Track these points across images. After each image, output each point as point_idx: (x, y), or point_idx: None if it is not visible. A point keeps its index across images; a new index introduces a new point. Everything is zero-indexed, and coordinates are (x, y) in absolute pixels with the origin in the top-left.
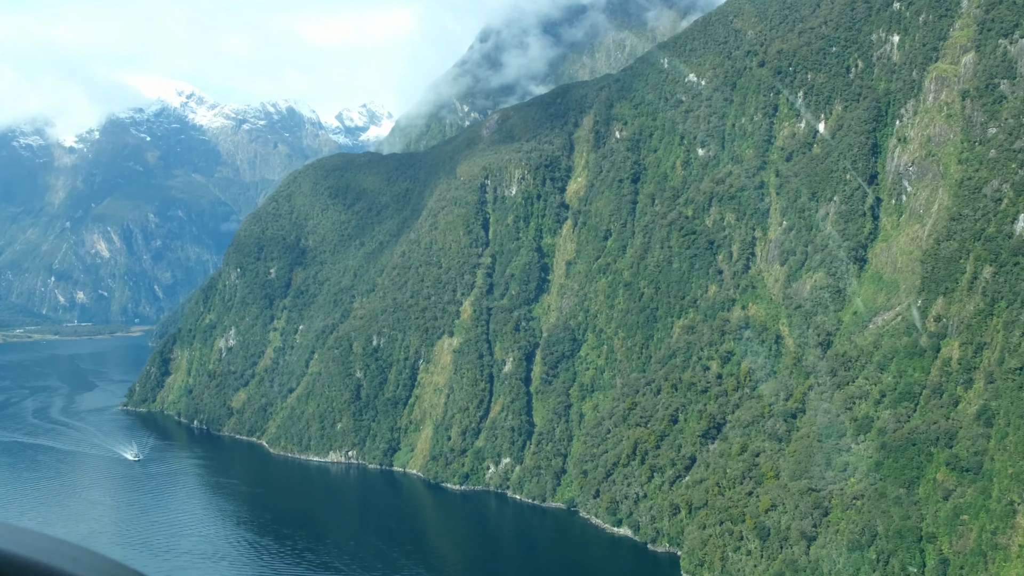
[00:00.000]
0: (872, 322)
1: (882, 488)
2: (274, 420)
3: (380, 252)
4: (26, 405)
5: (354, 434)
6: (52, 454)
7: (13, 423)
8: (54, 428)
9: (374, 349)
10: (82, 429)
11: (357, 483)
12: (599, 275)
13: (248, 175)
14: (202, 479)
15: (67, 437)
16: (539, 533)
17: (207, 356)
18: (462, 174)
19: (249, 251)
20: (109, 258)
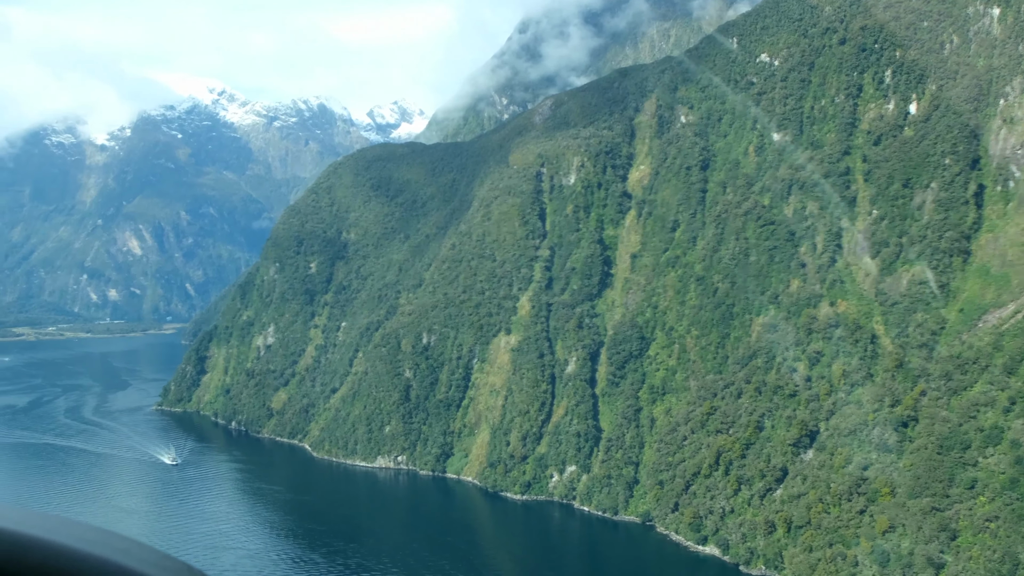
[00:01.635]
0: (983, 320)
1: (1020, 509)
2: (317, 422)
3: (426, 245)
4: (58, 404)
5: (404, 438)
6: (85, 457)
7: (45, 423)
8: (87, 429)
9: (424, 347)
10: (116, 430)
11: (408, 491)
12: (668, 269)
13: (280, 172)
14: (243, 485)
15: (100, 439)
16: (612, 549)
17: (245, 354)
18: (515, 162)
19: (288, 246)
20: (141, 256)
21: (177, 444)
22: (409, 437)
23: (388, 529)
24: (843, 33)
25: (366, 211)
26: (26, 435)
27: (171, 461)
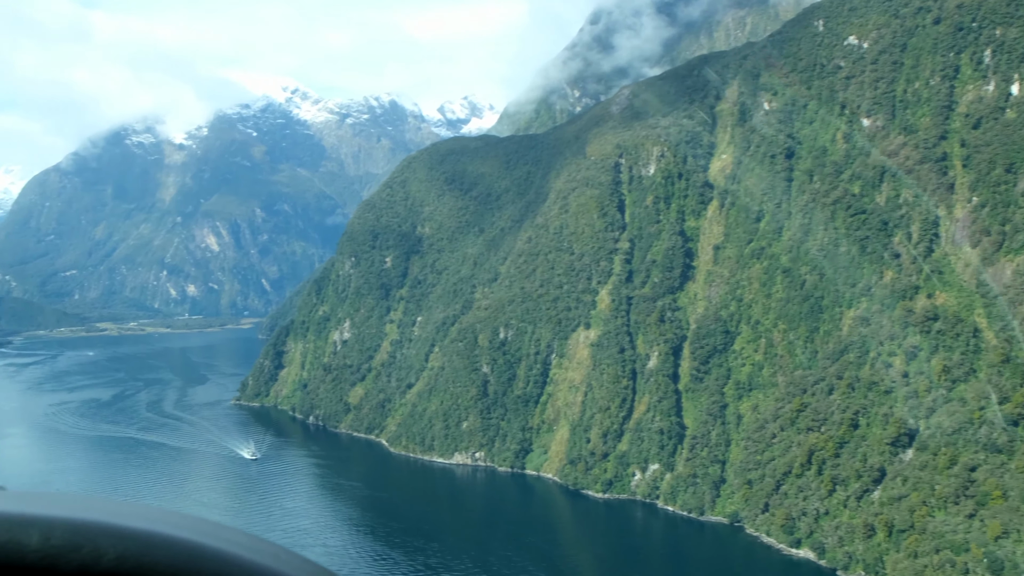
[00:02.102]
0: None
1: None
2: (393, 417)
3: (502, 239)
4: (140, 398)
5: (481, 434)
6: (166, 451)
7: (127, 417)
8: (168, 423)
9: (501, 342)
10: (196, 424)
11: (487, 488)
12: (752, 260)
13: (352, 169)
14: (321, 480)
15: (181, 433)
16: (700, 550)
17: (322, 349)
18: (592, 153)
19: (363, 240)
20: (218, 252)
21: (256, 439)
22: (487, 433)
23: (468, 527)
24: (937, 12)
25: (440, 205)
26: (110, 428)
27: (251, 456)
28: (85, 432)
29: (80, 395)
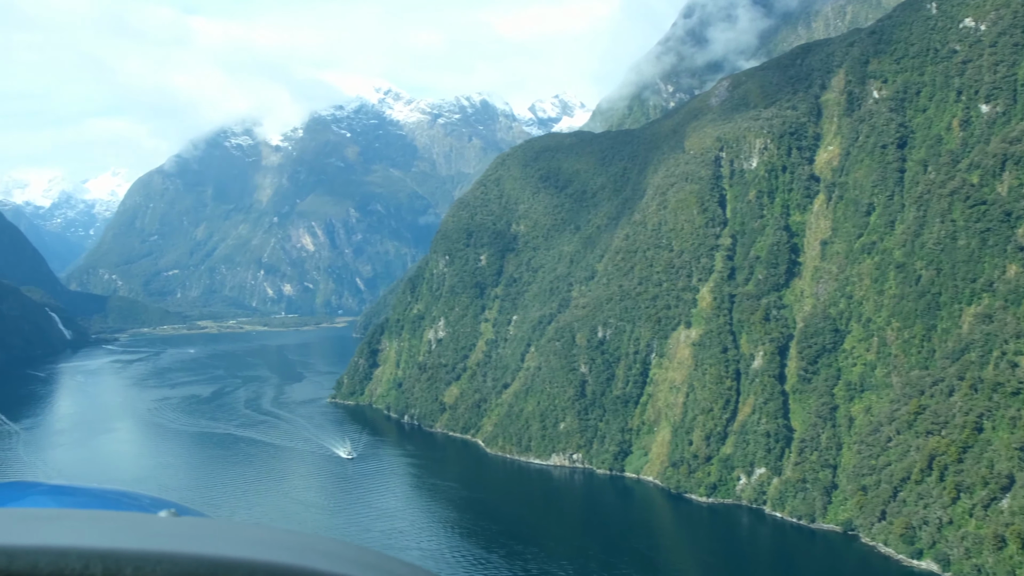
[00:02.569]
0: None
1: None
2: (489, 417)
3: (598, 236)
4: (238, 395)
5: (579, 435)
6: (264, 448)
7: (227, 414)
8: (266, 420)
9: (599, 341)
10: (293, 422)
11: (585, 490)
12: (863, 256)
13: (444, 169)
14: (417, 480)
15: (278, 431)
16: (812, 560)
17: (416, 348)
18: (691, 147)
19: (457, 239)
20: (313, 252)
21: (352, 438)
22: (585, 434)
23: (567, 530)
24: None
25: (535, 203)
26: (210, 425)
27: (347, 455)
28: (186, 428)
29: (181, 391)
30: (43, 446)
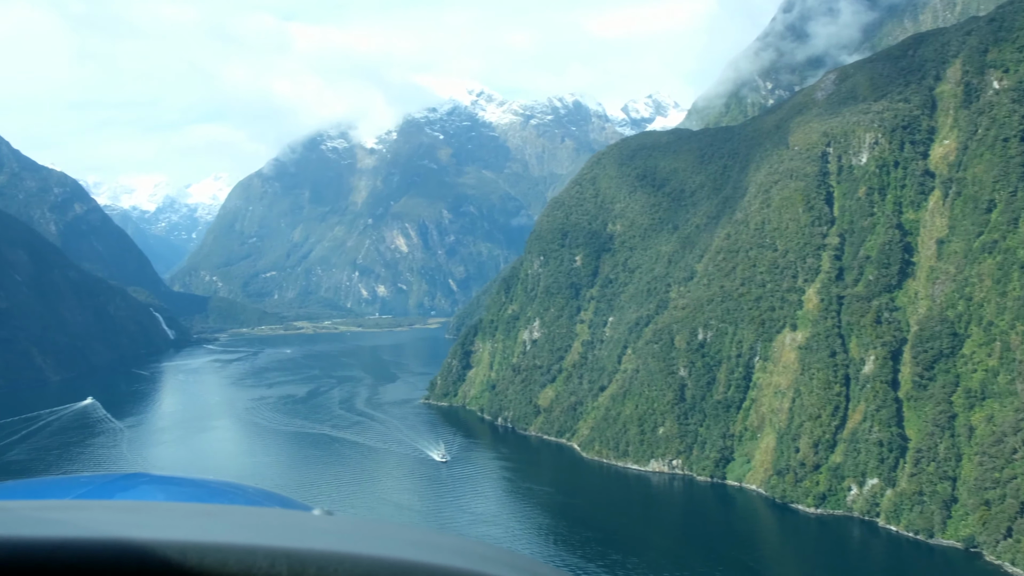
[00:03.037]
0: None
1: None
2: (585, 421)
3: (697, 236)
4: (333, 395)
5: (679, 440)
6: (358, 449)
7: (321, 414)
8: (360, 421)
9: (699, 344)
10: (386, 423)
11: (686, 498)
12: (983, 255)
13: (536, 170)
14: (511, 485)
15: (372, 431)
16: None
17: (510, 349)
18: (796, 143)
19: (552, 239)
20: (407, 253)
21: (446, 440)
22: (685, 440)
23: (667, 540)
24: None
25: (631, 202)
26: (305, 424)
27: (440, 458)
28: (282, 427)
29: (278, 391)
30: (146, 443)
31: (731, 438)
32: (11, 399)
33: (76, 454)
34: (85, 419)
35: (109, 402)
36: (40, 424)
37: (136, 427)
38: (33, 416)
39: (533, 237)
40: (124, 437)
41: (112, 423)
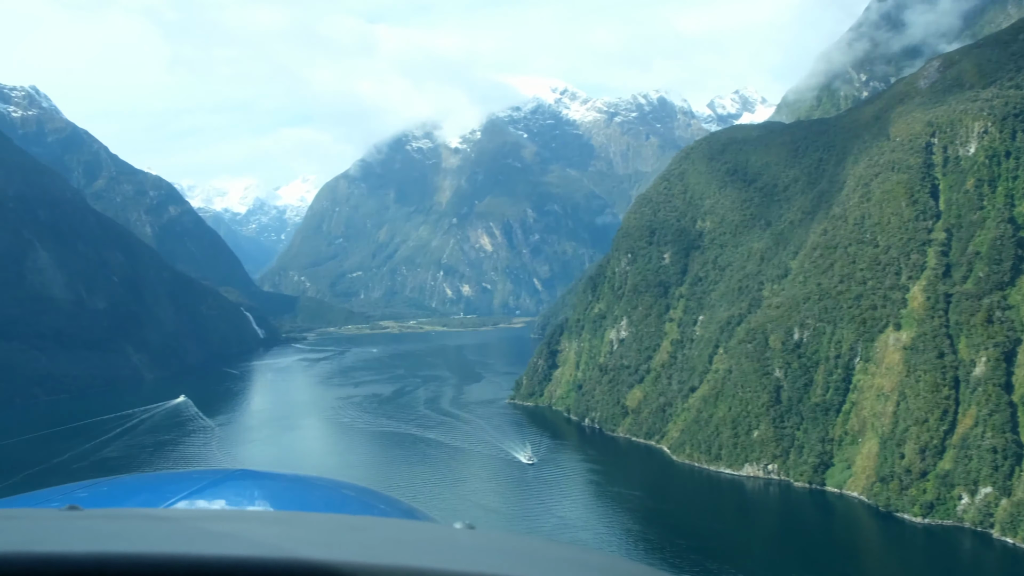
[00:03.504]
0: None
1: None
2: (675, 423)
3: (791, 232)
4: (418, 395)
5: (775, 444)
6: (444, 449)
7: (407, 413)
8: (445, 421)
9: (795, 344)
10: (472, 423)
11: (782, 505)
12: None
13: (621, 168)
14: (600, 488)
15: (457, 432)
16: None
17: (597, 349)
18: (897, 134)
19: (639, 236)
20: (491, 252)
21: (532, 441)
22: (781, 444)
23: (765, 549)
24: None
25: (721, 198)
26: (390, 424)
27: (527, 460)
28: (368, 426)
29: (364, 390)
30: (235, 442)
31: (830, 442)
32: (108, 397)
33: (168, 452)
34: (177, 417)
35: (200, 400)
36: (135, 421)
37: (226, 425)
38: (128, 413)
39: (620, 235)
40: (214, 435)
41: (203, 421)
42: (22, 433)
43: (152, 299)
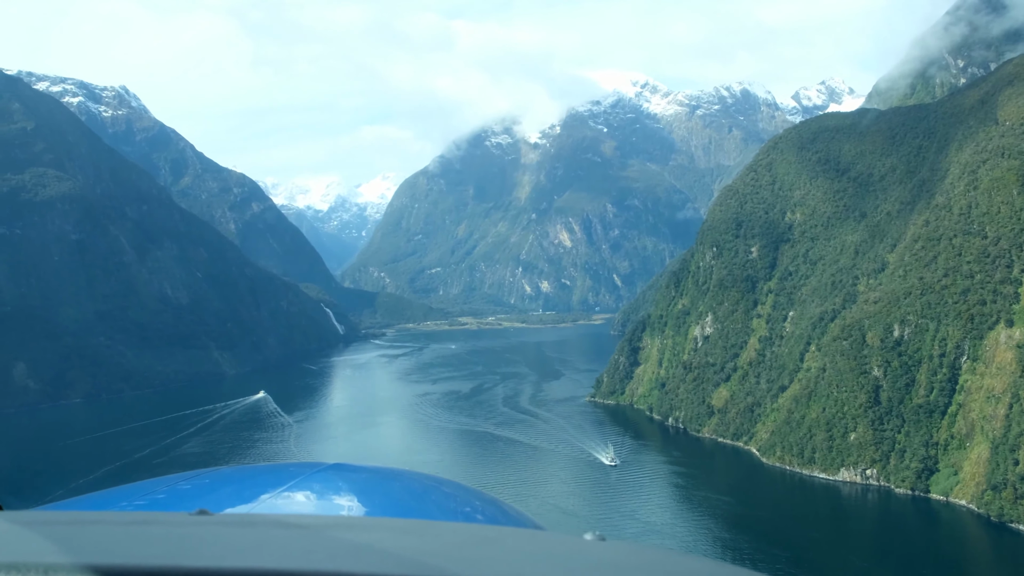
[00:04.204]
0: None
1: None
2: (764, 423)
3: (888, 224)
4: (497, 392)
5: (873, 448)
6: (522, 449)
7: (485, 411)
8: (524, 419)
9: (895, 342)
10: (551, 422)
11: (883, 513)
12: None
13: (702, 162)
14: (686, 492)
15: (537, 431)
16: None
17: (681, 346)
18: (1007, 118)
19: (725, 229)
20: (570, 248)
21: (614, 442)
22: (880, 447)
23: (868, 560)
24: None
25: (812, 188)
26: (468, 422)
27: (610, 462)
28: (445, 424)
29: (442, 387)
30: (313, 439)
31: (935, 447)
32: (190, 392)
33: (246, 449)
34: (256, 413)
35: (279, 396)
36: (214, 417)
37: (304, 421)
38: (209, 409)
39: (705, 228)
40: (292, 432)
41: (281, 417)
42: (106, 428)
43: (234, 295)
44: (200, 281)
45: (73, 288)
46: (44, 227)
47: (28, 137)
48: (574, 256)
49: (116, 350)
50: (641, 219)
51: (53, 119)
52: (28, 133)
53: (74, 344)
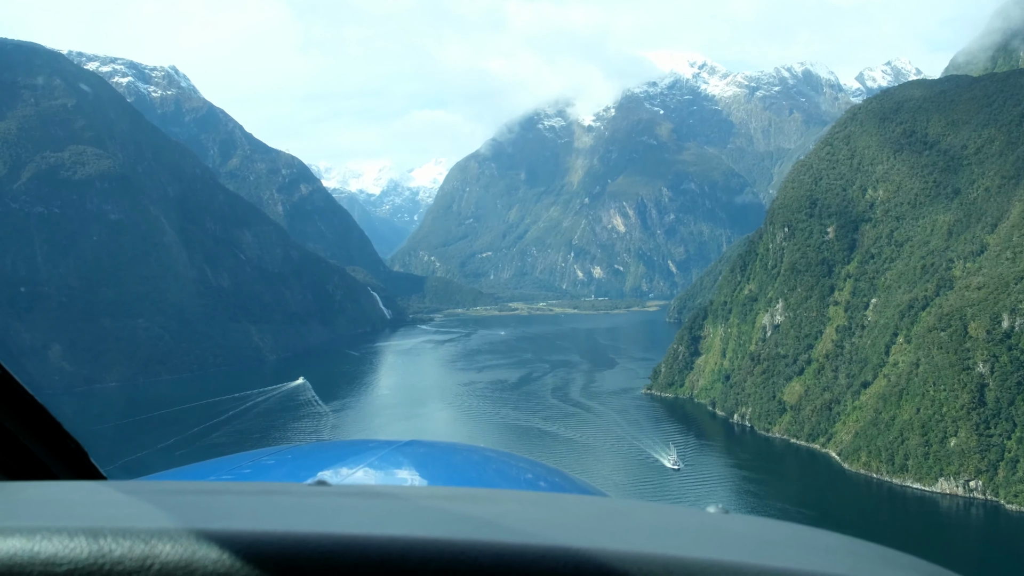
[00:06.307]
0: None
1: None
2: (845, 424)
3: (986, 202)
4: (546, 382)
5: (978, 456)
6: (573, 447)
7: (531, 403)
8: (575, 412)
9: (1004, 334)
10: (605, 416)
11: (991, 532)
12: None
13: (761, 145)
14: (759, 502)
15: (589, 426)
16: None
17: (747, 335)
18: None
19: (798, 208)
20: (624, 233)
21: (676, 441)
22: (987, 456)
23: None
24: None
25: (896, 163)
26: (513, 415)
27: (672, 465)
28: (490, 416)
29: (488, 375)
30: (348, 431)
31: None
32: (228, 377)
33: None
34: (293, 400)
35: (318, 383)
36: (248, 404)
37: (341, 411)
38: (244, 395)
39: (775, 206)
40: (327, 422)
41: (317, 406)
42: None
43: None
44: (243, 264)
45: (111, 269)
46: (82, 206)
47: (69, 114)
48: (627, 241)
49: (154, 332)
50: (697, 204)
51: (96, 97)
52: (69, 110)
53: (111, 326)
